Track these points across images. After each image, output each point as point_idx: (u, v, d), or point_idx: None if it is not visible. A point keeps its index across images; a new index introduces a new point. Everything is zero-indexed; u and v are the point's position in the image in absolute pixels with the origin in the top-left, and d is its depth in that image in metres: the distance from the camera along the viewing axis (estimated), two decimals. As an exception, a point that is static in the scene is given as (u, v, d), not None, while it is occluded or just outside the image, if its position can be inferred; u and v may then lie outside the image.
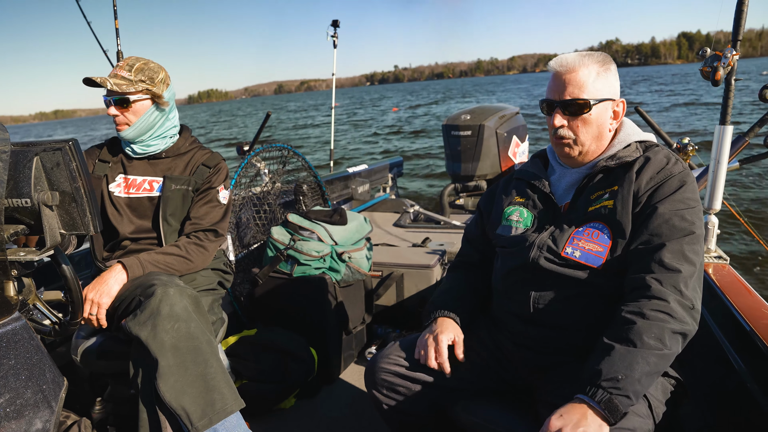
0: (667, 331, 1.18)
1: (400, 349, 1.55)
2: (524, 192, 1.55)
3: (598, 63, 1.39)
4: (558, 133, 1.43)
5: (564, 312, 1.39)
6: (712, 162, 2.01)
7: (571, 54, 1.42)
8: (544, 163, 1.61)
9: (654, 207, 1.30)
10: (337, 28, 5.53)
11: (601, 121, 1.41)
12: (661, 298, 1.21)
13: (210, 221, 1.98)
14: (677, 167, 1.34)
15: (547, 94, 1.45)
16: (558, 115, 1.41)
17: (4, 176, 1.13)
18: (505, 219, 1.56)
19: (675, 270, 1.23)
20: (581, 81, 1.37)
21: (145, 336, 1.53)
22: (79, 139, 1.29)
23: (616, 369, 1.16)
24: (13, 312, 1.15)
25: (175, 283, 1.65)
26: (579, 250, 1.36)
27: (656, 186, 1.32)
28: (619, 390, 1.14)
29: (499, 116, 4.84)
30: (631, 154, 1.39)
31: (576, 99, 1.37)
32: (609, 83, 1.40)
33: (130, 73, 1.86)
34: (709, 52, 1.79)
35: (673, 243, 1.25)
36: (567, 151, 1.45)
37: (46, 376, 1.19)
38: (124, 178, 1.98)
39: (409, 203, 4.56)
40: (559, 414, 1.16)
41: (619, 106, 1.44)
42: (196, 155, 2.05)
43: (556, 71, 1.41)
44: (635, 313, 1.21)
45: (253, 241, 3.10)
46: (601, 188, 1.40)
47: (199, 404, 1.51)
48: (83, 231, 1.28)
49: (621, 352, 1.17)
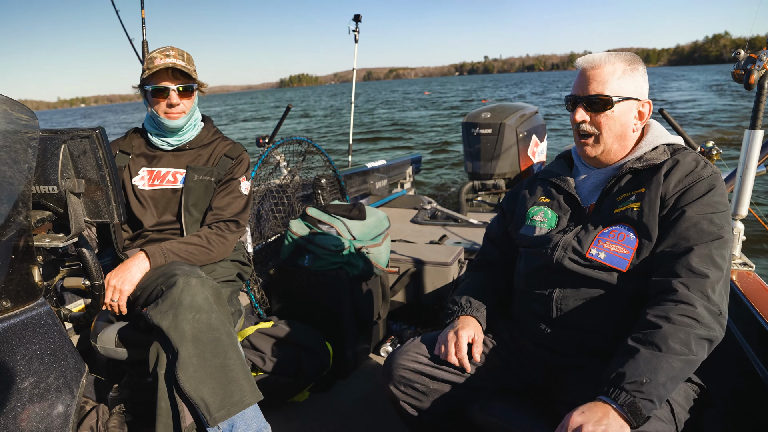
0: (694, 336, 1.16)
1: (420, 346, 1.54)
2: (549, 192, 1.54)
3: (624, 62, 1.39)
4: (581, 128, 1.42)
5: (587, 313, 1.37)
6: (740, 166, 1.97)
7: (599, 53, 1.42)
8: (568, 164, 1.59)
9: (682, 210, 1.27)
10: (359, 22, 5.51)
11: (625, 120, 1.39)
12: (688, 303, 1.19)
13: (231, 212, 1.99)
14: (706, 170, 1.31)
15: (572, 90, 1.44)
16: (581, 110, 1.40)
17: (33, 163, 1.14)
18: (529, 219, 1.55)
19: (703, 275, 1.21)
20: (605, 78, 1.37)
21: (166, 326, 1.54)
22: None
23: (640, 372, 1.14)
24: (38, 297, 1.16)
25: (197, 273, 1.66)
26: (604, 251, 1.34)
27: (685, 189, 1.30)
28: (643, 394, 1.12)
29: (519, 115, 4.81)
30: (658, 157, 1.37)
31: (599, 95, 1.37)
32: (635, 83, 1.39)
33: (185, 63, 1.90)
34: (743, 55, 1.75)
35: (702, 247, 1.23)
36: (588, 150, 1.44)
37: (68, 362, 1.20)
38: (148, 171, 2.00)
39: (426, 200, 4.55)
40: (581, 411, 1.14)
41: (644, 107, 1.42)
42: (218, 146, 2.07)
43: (583, 68, 1.41)
44: (661, 317, 1.19)
45: (271, 234, 3.11)
46: (627, 190, 1.38)
47: (217, 395, 1.52)
48: (107, 219, 1.29)
49: (646, 356, 1.15)
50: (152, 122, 1.99)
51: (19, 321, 1.11)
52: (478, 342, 1.50)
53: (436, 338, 1.55)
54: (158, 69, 1.84)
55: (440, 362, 1.49)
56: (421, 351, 1.52)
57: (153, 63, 1.87)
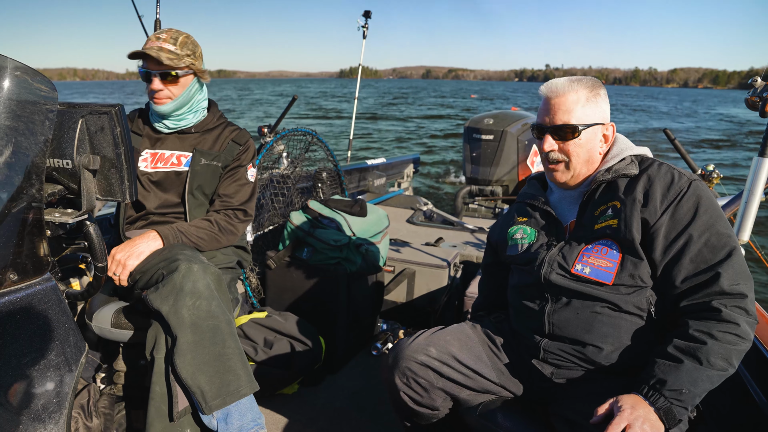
0: (736, 352, 1.21)
1: (431, 338, 1.53)
2: (525, 212, 1.59)
3: (587, 88, 1.42)
4: (550, 156, 1.45)
5: (577, 326, 1.39)
6: (745, 192, 1.99)
7: (561, 79, 1.45)
8: (541, 185, 1.64)
9: (687, 234, 1.28)
10: (369, 18, 5.49)
11: (591, 145, 1.43)
12: (733, 322, 1.22)
13: (239, 200, 1.98)
14: (684, 180, 1.33)
15: (537, 119, 1.48)
16: (549, 139, 1.44)
17: (50, 135, 1.12)
18: (510, 239, 1.59)
19: (740, 294, 1.24)
20: (570, 107, 1.40)
21: (166, 310, 1.52)
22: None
23: (681, 382, 1.19)
24: (45, 272, 1.14)
25: (199, 259, 1.65)
26: (589, 266, 1.37)
27: (672, 205, 1.31)
28: (681, 402, 1.18)
29: (522, 123, 4.82)
30: (627, 167, 1.40)
31: (566, 124, 1.40)
32: (598, 108, 1.43)
33: (175, 47, 1.84)
34: (759, 83, 1.76)
35: (725, 267, 1.25)
36: (558, 176, 1.47)
37: (70, 340, 1.18)
38: (151, 153, 1.96)
39: (422, 201, 4.55)
40: (631, 405, 1.17)
41: (608, 129, 1.46)
42: (224, 131, 2.04)
43: (546, 96, 1.44)
44: (705, 333, 1.22)
45: (269, 224, 3.09)
46: (602, 203, 1.41)
47: (214, 383, 1.51)
48: (119, 198, 1.28)
49: (688, 368, 1.20)
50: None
51: (25, 295, 1.09)
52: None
53: (448, 333, 1.55)
54: (144, 52, 1.81)
55: (451, 358, 1.49)
56: (432, 342, 1.51)
57: (144, 45, 1.84)
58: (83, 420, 1.71)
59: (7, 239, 1.05)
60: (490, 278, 1.80)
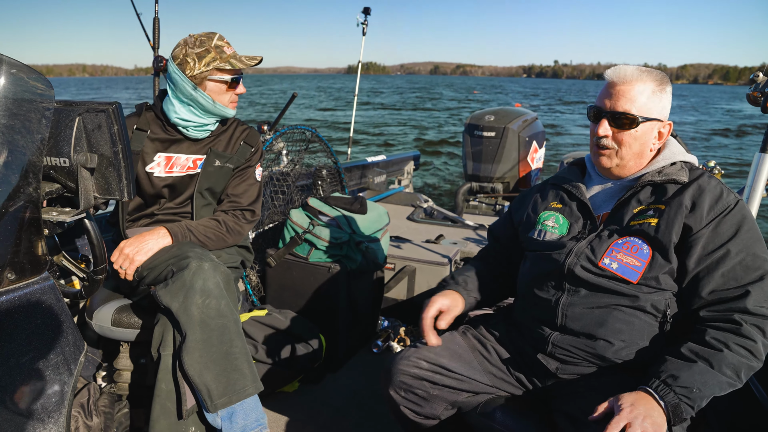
0: (746, 367, 1.22)
1: (420, 351, 1.53)
2: (561, 198, 1.55)
3: (655, 81, 1.38)
4: (601, 142, 1.42)
5: (591, 320, 1.37)
6: (747, 189, 1.98)
7: (631, 66, 1.40)
8: (581, 172, 1.60)
9: (726, 249, 1.28)
10: (368, 15, 5.48)
11: (645, 139, 1.40)
12: (750, 338, 1.22)
13: (248, 200, 1.98)
14: (731, 197, 1.33)
15: (597, 102, 1.43)
16: (605, 123, 1.40)
17: (46, 134, 1.11)
18: (540, 223, 1.55)
19: (762, 316, 1.24)
20: (635, 96, 1.37)
21: (176, 307, 1.52)
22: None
23: (692, 381, 1.19)
24: (43, 271, 1.14)
25: (209, 258, 1.65)
26: (617, 262, 1.35)
27: (717, 219, 1.30)
28: (689, 400, 1.18)
29: (522, 120, 4.81)
30: (677, 173, 1.38)
31: (626, 113, 1.37)
32: (661, 104, 1.40)
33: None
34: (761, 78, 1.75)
35: (755, 288, 1.25)
36: (604, 161, 1.44)
37: (68, 339, 1.18)
38: (166, 157, 1.90)
39: (423, 198, 4.54)
40: (630, 403, 1.17)
41: (665, 127, 1.43)
42: (236, 131, 2.03)
43: (612, 81, 1.40)
44: (721, 342, 1.23)
45: (268, 222, 3.09)
46: (646, 203, 1.38)
47: (221, 382, 1.51)
48: (117, 196, 1.27)
49: (702, 369, 1.20)
50: (195, 110, 1.84)
51: (23, 294, 1.09)
52: (451, 312, 1.53)
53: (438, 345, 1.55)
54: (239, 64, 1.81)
55: (442, 367, 1.49)
56: (423, 356, 1.51)
57: (224, 52, 1.80)
58: (83, 419, 1.71)
59: (5, 238, 1.04)
60: (501, 246, 1.75)
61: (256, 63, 1.84)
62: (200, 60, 1.77)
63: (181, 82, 1.78)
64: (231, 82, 1.83)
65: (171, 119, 1.85)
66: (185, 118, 1.84)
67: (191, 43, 1.79)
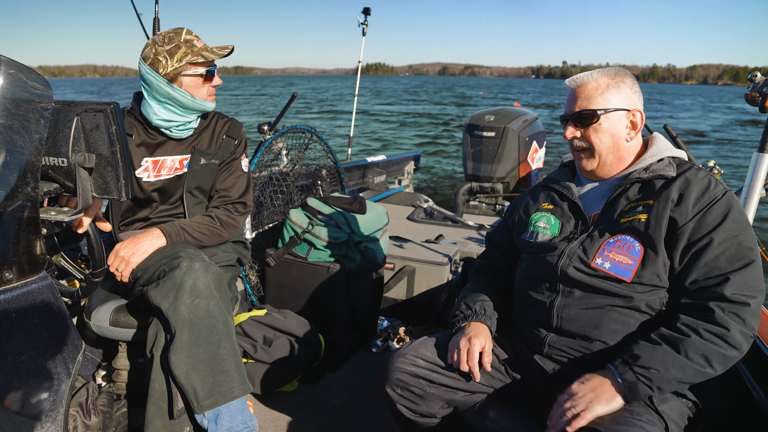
0: (719, 355, 1.21)
1: (418, 349, 1.53)
2: (553, 199, 1.57)
3: (608, 76, 1.44)
4: (574, 144, 1.48)
5: (588, 322, 1.38)
6: (745, 188, 1.98)
7: (585, 72, 1.48)
8: (572, 173, 1.61)
9: (709, 238, 1.27)
10: (368, 15, 5.48)
11: (615, 130, 1.43)
12: (723, 326, 1.22)
13: (237, 192, 1.98)
14: (719, 188, 1.32)
15: (564, 111, 1.50)
16: (570, 127, 1.46)
17: (45, 133, 1.11)
18: (532, 225, 1.56)
19: (742, 303, 1.23)
20: (590, 94, 1.43)
21: (165, 307, 1.52)
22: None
23: (652, 362, 1.23)
24: (41, 270, 1.14)
25: (201, 257, 1.65)
26: (609, 261, 1.35)
27: (703, 210, 1.29)
28: (648, 380, 1.22)
29: (522, 120, 4.81)
30: (665, 169, 1.39)
31: (584, 110, 1.42)
32: (621, 94, 1.43)
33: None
34: (759, 77, 1.75)
35: (736, 275, 1.24)
36: (584, 164, 1.48)
37: (66, 338, 1.18)
38: (152, 162, 1.88)
39: (423, 198, 4.54)
40: (581, 381, 1.28)
41: (636, 116, 1.44)
42: (217, 125, 2.01)
43: (570, 88, 1.48)
44: (691, 328, 1.24)
45: (268, 221, 3.09)
46: (635, 200, 1.39)
47: (207, 383, 1.51)
48: (115, 196, 1.27)
49: (665, 351, 1.23)
50: (175, 108, 1.81)
51: (21, 293, 1.09)
52: (488, 352, 1.49)
53: (435, 341, 1.55)
54: (211, 55, 1.79)
55: (439, 366, 1.49)
56: (419, 354, 1.51)
57: (195, 45, 1.78)
58: (82, 418, 1.71)
59: (3, 237, 1.05)
60: (498, 251, 1.76)
61: (228, 53, 1.82)
62: (172, 57, 1.75)
63: (156, 81, 1.75)
64: (206, 75, 1.81)
65: (152, 122, 1.82)
66: (167, 118, 1.81)
67: (160, 41, 1.76)
